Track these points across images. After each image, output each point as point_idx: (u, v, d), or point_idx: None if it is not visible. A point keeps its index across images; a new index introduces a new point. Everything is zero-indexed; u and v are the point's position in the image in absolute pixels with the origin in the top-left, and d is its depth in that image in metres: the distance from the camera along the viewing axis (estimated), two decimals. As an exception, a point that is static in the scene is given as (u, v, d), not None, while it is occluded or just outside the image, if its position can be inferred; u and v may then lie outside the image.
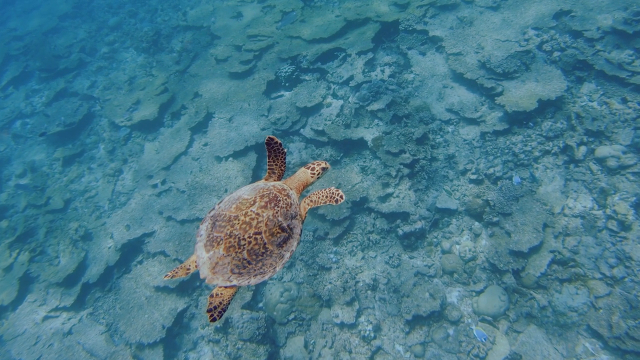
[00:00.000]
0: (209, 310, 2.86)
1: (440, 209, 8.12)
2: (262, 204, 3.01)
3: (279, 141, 3.32)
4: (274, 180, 3.39)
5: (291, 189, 3.32)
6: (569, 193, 7.84)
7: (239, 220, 2.93)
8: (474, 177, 8.30)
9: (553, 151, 8.29)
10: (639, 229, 7.24)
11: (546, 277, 7.21)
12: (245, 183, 9.02)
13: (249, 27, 12.10)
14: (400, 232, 7.93)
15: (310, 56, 10.52)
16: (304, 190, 3.45)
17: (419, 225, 7.89)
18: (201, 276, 2.91)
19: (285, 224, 3.03)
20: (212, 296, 2.91)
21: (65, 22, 16.06)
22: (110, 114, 11.76)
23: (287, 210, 3.08)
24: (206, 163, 9.69)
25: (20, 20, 16.77)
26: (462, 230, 7.97)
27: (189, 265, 3.09)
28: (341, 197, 3.31)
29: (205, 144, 10.06)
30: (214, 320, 2.84)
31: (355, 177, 8.61)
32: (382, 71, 9.92)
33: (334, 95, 9.90)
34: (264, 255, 2.92)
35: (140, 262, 8.95)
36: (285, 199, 3.13)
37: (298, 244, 3.14)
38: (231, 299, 2.95)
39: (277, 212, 3.01)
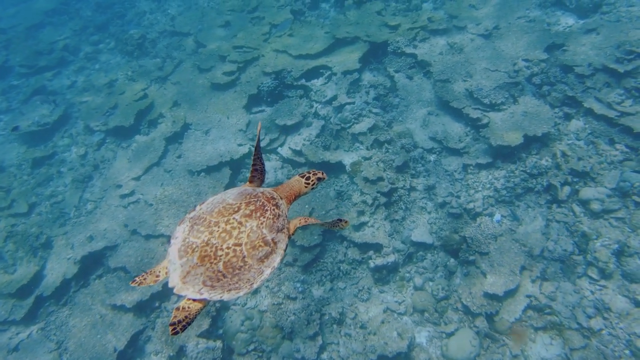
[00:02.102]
0: (171, 324, 2.60)
1: (415, 243, 7.76)
2: (247, 212, 2.80)
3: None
4: (259, 184, 3.21)
5: (281, 198, 3.10)
6: (549, 235, 7.52)
7: (219, 227, 2.72)
8: (453, 210, 7.95)
9: (536, 189, 7.98)
10: (620, 278, 6.92)
11: (521, 323, 6.85)
12: (216, 201, 8.60)
13: (236, 38, 11.77)
14: (372, 265, 7.55)
15: (295, 72, 10.19)
16: (295, 200, 3.25)
17: (392, 258, 7.52)
18: (170, 284, 2.67)
19: (269, 237, 2.80)
20: (178, 309, 2.67)
21: (51, 18, 15.66)
22: (86, 116, 11.34)
23: (274, 222, 2.85)
24: (178, 176, 9.28)
25: (5, 13, 16.34)
26: (437, 266, 7.61)
27: (159, 272, 2.87)
28: (344, 221, 3.14)
29: (179, 156, 9.66)
30: (175, 333, 2.60)
31: (330, 202, 8.24)
32: (367, 93, 9.61)
33: (316, 115, 9.57)
34: (242, 269, 2.68)
35: (100, 277, 8.48)
36: (273, 209, 2.90)
37: (282, 260, 2.90)
38: (198, 313, 2.70)
39: (262, 223, 2.79)
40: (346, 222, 3.17)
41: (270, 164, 9.00)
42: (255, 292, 7.84)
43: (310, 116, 9.56)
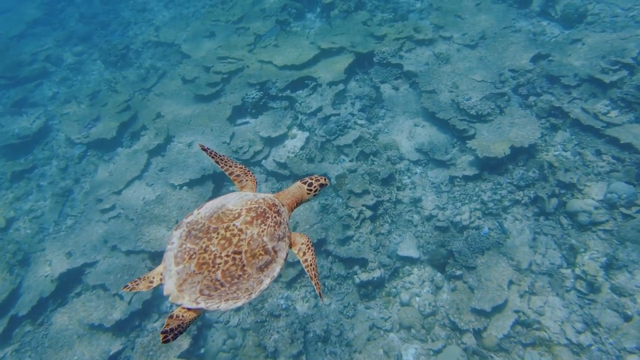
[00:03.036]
0: (163, 332, 2.46)
1: (401, 257, 7.60)
2: (248, 218, 2.68)
3: (213, 150, 3.15)
4: (251, 187, 3.13)
5: (283, 205, 2.98)
6: (537, 248, 7.40)
7: (218, 233, 2.61)
8: (439, 224, 7.81)
9: (523, 201, 7.88)
10: (609, 292, 6.80)
11: (509, 339, 6.69)
12: (198, 215, 8.39)
13: (220, 48, 11.63)
14: (358, 280, 7.37)
15: (280, 83, 10.05)
16: (297, 207, 3.17)
17: (377, 273, 7.34)
18: (165, 292, 2.54)
19: (270, 246, 2.68)
20: (171, 317, 2.52)
21: (34, 28, 15.44)
22: (67, 129, 11.11)
23: (275, 229, 2.74)
24: (160, 190, 9.06)
25: (-12, 23, 16.13)
26: (424, 281, 7.45)
27: (153, 278, 2.71)
28: (321, 296, 2.90)
29: (161, 169, 9.45)
30: (167, 341, 2.46)
31: (315, 216, 8.07)
32: (353, 104, 9.49)
33: (301, 127, 9.42)
34: (241, 278, 2.57)
35: (79, 295, 8.21)
36: (275, 217, 2.78)
37: (282, 269, 2.79)
38: (192, 322, 2.58)
39: (263, 231, 2.67)
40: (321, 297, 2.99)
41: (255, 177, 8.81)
42: (238, 309, 7.62)
43: (295, 128, 9.41)
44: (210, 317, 7.62)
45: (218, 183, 8.94)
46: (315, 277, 2.97)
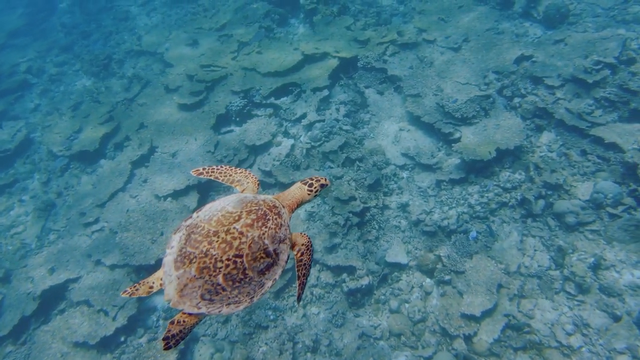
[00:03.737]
0: (165, 338, 2.47)
1: (390, 263, 7.52)
2: (249, 221, 2.63)
3: (207, 167, 3.14)
4: (252, 188, 3.09)
5: (283, 206, 2.94)
6: (525, 250, 7.36)
7: (218, 237, 2.55)
8: (427, 228, 7.76)
9: (510, 204, 7.85)
10: (597, 292, 6.78)
11: (499, 343, 6.63)
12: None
13: (204, 56, 11.52)
14: (346, 289, 7.28)
15: (263, 90, 9.96)
16: (297, 208, 3.15)
17: (366, 281, 7.26)
18: (165, 298, 2.51)
19: (271, 248, 2.65)
20: (172, 323, 2.53)
21: (15, 39, 15.20)
22: (49, 141, 10.91)
23: (276, 232, 2.70)
24: (144, 202, 8.91)
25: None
26: (412, 287, 7.38)
27: (153, 282, 2.68)
28: (299, 297, 2.94)
29: (145, 181, 9.30)
30: (168, 348, 2.48)
31: (301, 224, 7.97)
32: (337, 110, 9.42)
33: (286, 134, 9.33)
34: (242, 282, 2.54)
35: (62, 312, 8.03)
36: (276, 219, 2.74)
37: (283, 271, 2.77)
38: (193, 327, 2.59)
39: (264, 234, 2.63)
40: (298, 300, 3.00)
41: (240, 186, 8.70)
42: (226, 321, 7.49)
43: (280, 135, 9.32)
44: (198, 330, 7.48)
45: (203, 193, 8.81)
46: (302, 276, 2.94)
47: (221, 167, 3.21)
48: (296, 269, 2.94)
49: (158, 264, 8.01)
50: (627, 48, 9.29)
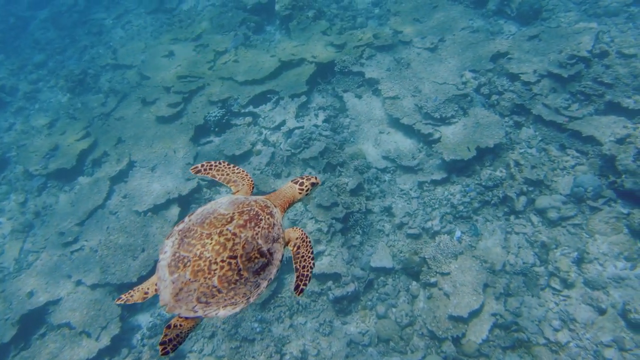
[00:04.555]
0: (162, 343, 2.47)
1: (375, 268, 7.45)
2: (241, 222, 2.64)
3: (204, 162, 3.11)
4: (246, 190, 3.09)
5: (275, 206, 2.95)
6: (509, 248, 7.35)
7: (212, 239, 2.55)
8: (411, 231, 7.71)
9: (493, 202, 7.84)
10: (582, 286, 6.79)
11: (488, 343, 6.59)
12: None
13: (180, 67, 11.39)
14: (332, 296, 7.19)
15: (242, 99, 9.87)
16: (289, 207, 3.14)
17: (351, 287, 7.18)
18: (161, 303, 2.50)
19: (265, 248, 2.64)
20: (169, 327, 2.51)
21: (-14, 58, 14.92)
22: (25, 160, 10.68)
23: (269, 231, 2.71)
24: (124, 218, 8.75)
25: None
26: (399, 291, 7.32)
27: (148, 289, 2.68)
28: (302, 290, 2.91)
29: (125, 196, 9.14)
30: (166, 353, 2.46)
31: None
32: (316, 115, 9.36)
33: (265, 142, 9.24)
34: (238, 283, 2.52)
35: (43, 336, 7.82)
36: (268, 219, 2.74)
37: (278, 271, 2.76)
38: (191, 331, 2.58)
39: (257, 234, 2.63)
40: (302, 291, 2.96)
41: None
42: (212, 335, 7.36)
43: (260, 143, 9.23)
44: (184, 347, 7.33)
45: (184, 206, 8.67)
46: (302, 268, 2.92)
47: (219, 163, 3.21)
48: (294, 263, 2.93)
49: (140, 281, 7.86)
50: (600, 41, 9.39)
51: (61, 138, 10.89)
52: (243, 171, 3.23)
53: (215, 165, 3.20)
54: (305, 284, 2.92)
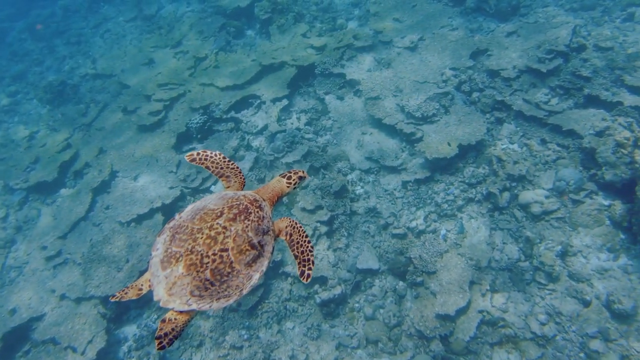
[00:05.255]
0: (157, 337, 2.47)
1: (361, 270, 7.43)
2: (231, 216, 2.68)
3: (201, 151, 3.08)
4: (238, 185, 3.14)
5: (264, 199, 3.00)
6: (494, 244, 7.37)
7: (202, 233, 2.59)
8: (396, 231, 7.70)
9: (476, 199, 7.86)
10: (567, 279, 6.82)
11: (476, 340, 6.59)
12: (148, 252, 8.02)
13: (160, 75, 11.30)
14: (319, 300, 7.15)
15: (223, 105, 9.81)
16: (278, 201, 3.20)
17: (338, 290, 7.15)
18: (155, 298, 2.54)
19: (255, 240, 2.70)
20: (164, 321, 2.54)
21: (-38, 72, 14.69)
22: (4, 175, 10.51)
23: (259, 224, 2.76)
24: (107, 229, 8.63)
25: None
26: (386, 292, 7.30)
27: (142, 285, 2.70)
28: (308, 276, 2.89)
29: (107, 207, 9.03)
30: (162, 348, 2.47)
31: (270, 238, 7.82)
32: (298, 118, 9.33)
33: (248, 147, 9.19)
34: (230, 275, 2.57)
35: (27, 353, 7.68)
36: (257, 212, 2.80)
37: (269, 263, 2.80)
38: (186, 325, 2.58)
39: (247, 226, 2.68)
40: (310, 276, 2.95)
41: (205, 205, 8.52)
42: (200, 344, 7.28)
43: (243, 149, 9.17)
44: (171, 357, 7.25)
45: (168, 214, 8.58)
46: (301, 254, 2.95)
47: (215, 155, 3.19)
48: (291, 251, 2.98)
49: (125, 293, 7.76)
50: (577, 35, 9.48)
51: (42, 150, 10.75)
52: (237, 167, 3.23)
53: (211, 157, 3.17)
54: (310, 268, 2.93)
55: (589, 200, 7.29)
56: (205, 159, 3.16)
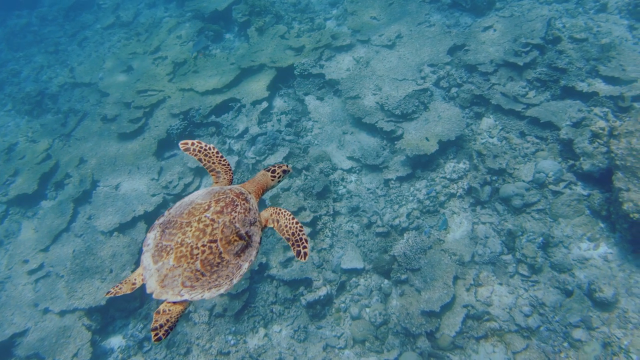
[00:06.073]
0: (153, 329, 2.54)
1: (346, 270, 7.43)
2: (218, 209, 2.77)
3: (196, 141, 3.10)
4: (226, 181, 3.21)
5: (249, 192, 3.09)
6: (477, 238, 7.41)
7: (191, 227, 2.68)
8: (379, 230, 7.71)
9: (458, 194, 7.90)
10: (549, 270, 6.88)
11: (462, 335, 6.62)
12: (132, 261, 7.98)
13: (140, 82, 11.20)
14: (304, 302, 7.14)
15: (203, 109, 9.75)
16: (263, 194, 3.29)
17: (323, 291, 7.14)
18: (148, 290, 2.61)
19: (243, 231, 2.79)
20: (158, 312, 2.61)
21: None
22: (-16, 189, 10.35)
23: (246, 215, 2.85)
24: (90, 240, 8.54)
25: None
26: (372, 291, 7.31)
27: (135, 279, 2.78)
28: (305, 254, 2.99)
29: (89, 218, 8.93)
30: (159, 339, 2.52)
31: (254, 242, 7.79)
32: (279, 121, 9.31)
33: (230, 151, 9.14)
34: (220, 265, 2.66)
35: (12, 369, 7.58)
36: (244, 204, 2.88)
37: (257, 253, 2.90)
38: (180, 316, 2.65)
39: (234, 218, 2.77)
40: (306, 254, 3.04)
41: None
42: (187, 352, 7.23)
43: (224, 153, 9.12)
44: (159, 366, 7.20)
45: (150, 222, 8.50)
46: (292, 236, 3.03)
47: (210, 148, 3.20)
48: (282, 236, 3.05)
49: (110, 304, 7.69)
50: (552, 27, 9.55)
51: (21, 163, 10.60)
52: (228, 164, 3.27)
53: (205, 149, 3.18)
54: (305, 247, 3.01)
55: (568, 191, 7.36)
56: (199, 151, 3.17)
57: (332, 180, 8.34)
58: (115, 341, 7.64)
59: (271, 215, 3.12)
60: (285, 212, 3.14)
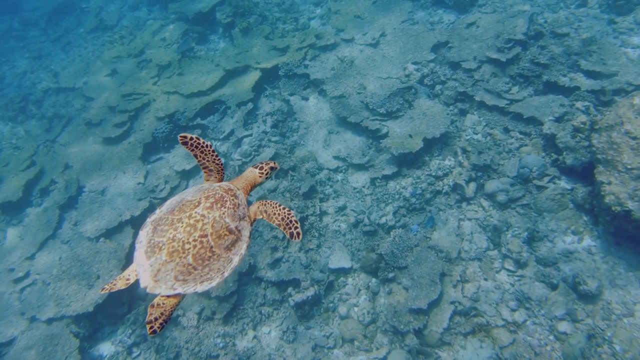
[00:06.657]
0: (148, 322, 2.60)
1: (334, 270, 7.44)
2: (208, 204, 2.86)
3: (195, 137, 3.12)
4: (216, 180, 3.27)
5: (238, 189, 3.17)
6: (463, 235, 7.45)
7: (182, 222, 2.77)
8: (366, 228, 7.73)
9: (444, 191, 7.93)
10: (534, 264, 6.94)
11: (449, 331, 6.66)
12: (119, 267, 7.93)
13: (124, 85, 11.12)
14: (293, 302, 7.15)
15: (188, 112, 9.71)
16: (252, 190, 3.37)
17: (312, 291, 7.15)
18: (142, 285, 2.70)
19: (233, 226, 2.88)
20: (152, 306, 2.67)
21: None
22: (-32, 197, 10.23)
23: (235, 211, 2.93)
24: (76, 246, 8.48)
25: None
26: (359, 290, 7.33)
27: (129, 275, 2.84)
28: (298, 234, 3.12)
29: (76, 224, 8.87)
30: (154, 332, 2.58)
31: (241, 244, 7.78)
32: (264, 122, 9.29)
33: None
34: (211, 259, 2.76)
35: (0, 379, 7.52)
36: (233, 199, 2.97)
37: (248, 246, 2.98)
38: (174, 309, 2.73)
39: (224, 213, 2.87)
40: (299, 234, 3.17)
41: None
42: (176, 356, 7.21)
43: (210, 156, 9.08)
44: (149, 371, 7.17)
45: (138, 227, 8.46)
46: (282, 221, 3.15)
47: (207, 145, 3.22)
48: (273, 223, 3.17)
49: (97, 310, 7.65)
50: (535, 23, 9.62)
51: (5, 170, 10.50)
52: (221, 163, 3.32)
53: (202, 145, 3.19)
54: (296, 228, 3.14)
55: (552, 185, 7.42)
56: (196, 147, 3.17)
57: (318, 180, 8.35)
58: (104, 348, 7.60)
59: (258, 207, 3.22)
60: (271, 201, 3.26)
